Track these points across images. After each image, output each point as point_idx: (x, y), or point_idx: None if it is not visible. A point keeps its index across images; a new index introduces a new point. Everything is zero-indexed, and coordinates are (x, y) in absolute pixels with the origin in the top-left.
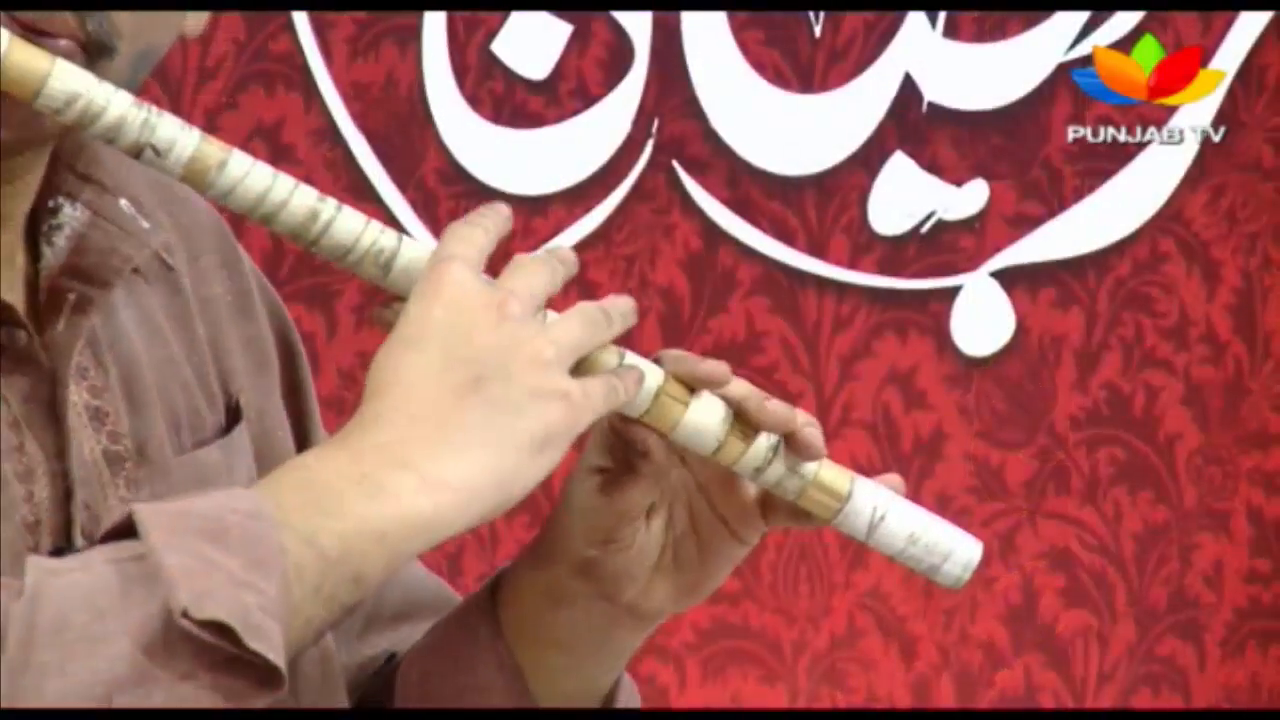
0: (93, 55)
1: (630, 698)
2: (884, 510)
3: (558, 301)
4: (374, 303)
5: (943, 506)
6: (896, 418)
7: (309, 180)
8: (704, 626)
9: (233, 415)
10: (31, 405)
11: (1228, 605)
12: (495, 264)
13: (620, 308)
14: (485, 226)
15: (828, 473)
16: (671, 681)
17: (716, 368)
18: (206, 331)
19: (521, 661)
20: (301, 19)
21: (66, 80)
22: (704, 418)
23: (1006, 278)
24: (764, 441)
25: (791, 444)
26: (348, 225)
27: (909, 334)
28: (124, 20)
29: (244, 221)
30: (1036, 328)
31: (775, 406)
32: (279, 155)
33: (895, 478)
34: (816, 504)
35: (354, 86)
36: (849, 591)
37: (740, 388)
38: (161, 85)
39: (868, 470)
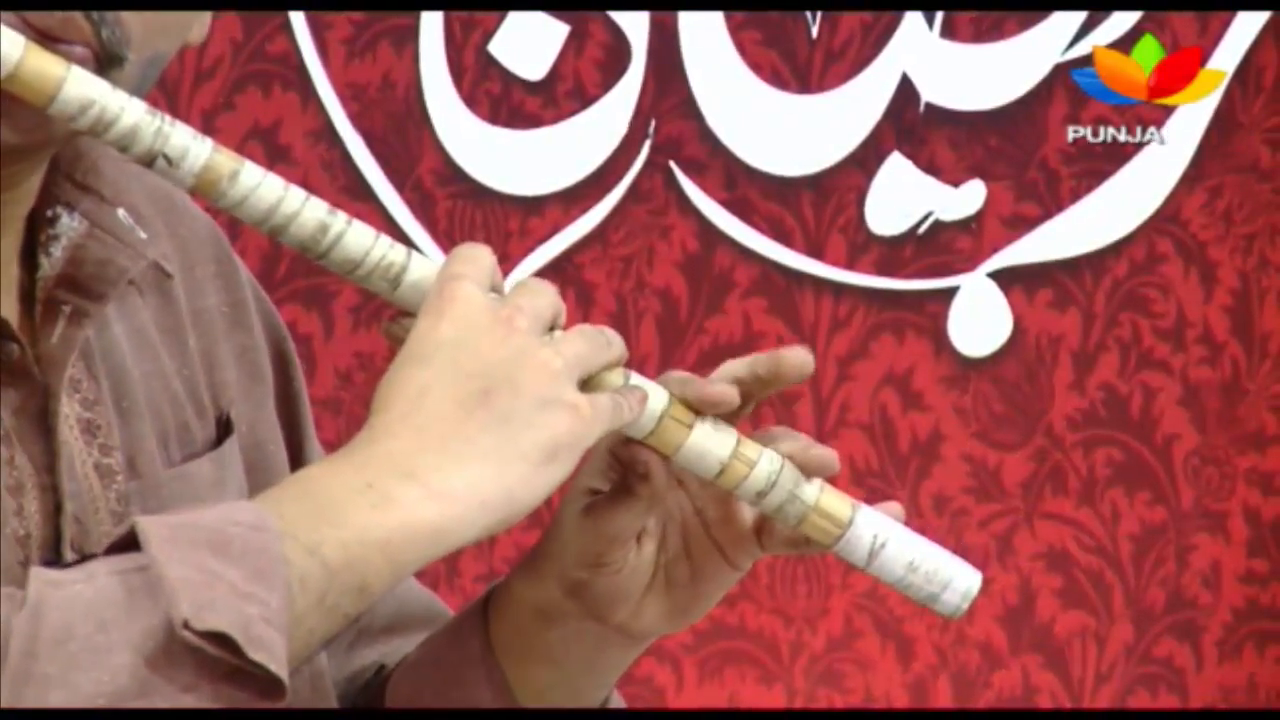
0: (104, 64)
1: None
2: (884, 538)
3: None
4: (371, 304)
5: (940, 507)
6: (894, 419)
7: (305, 181)
8: (701, 627)
9: (223, 428)
10: (22, 418)
11: (1225, 606)
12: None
13: (616, 335)
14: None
15: (829, 499)
16: (669, 682)
17: (723, 391)
18: (199, 344)
19: (511, 677)
20: (298, 19)
21: (81, 87)
22: (708, 441)
23: (1004, 278)
24: (767, 466)
25: (804, 461)
26: (357, 239)
27: (906, 335)
28: (134, 28)
29: (241, 224)
30: (1034, 328)
31: (788, 356)
32: (276, 156)
33: (896, 506)
34: (818, 530)
35: (351, 87)
36: (846, 592)
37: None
38: (159, 85)
39: (864, 471)
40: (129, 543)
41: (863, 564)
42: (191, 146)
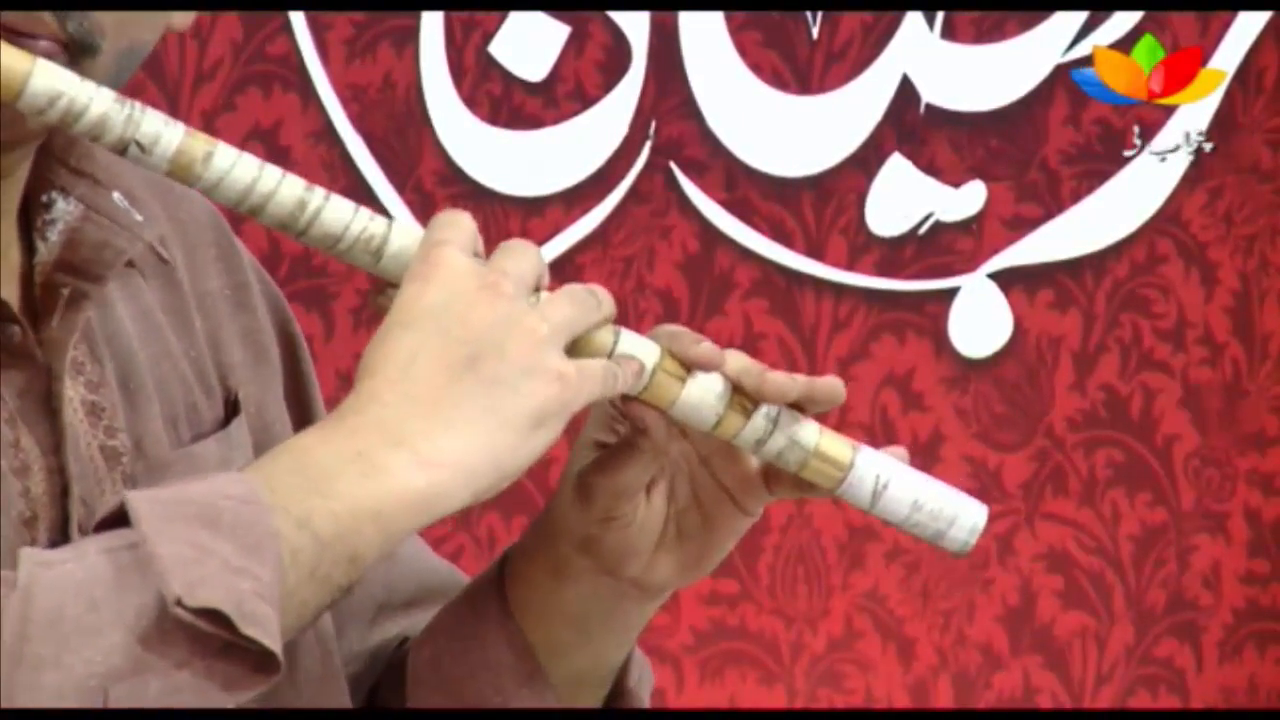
0: (75, 55)
1: (642, 672)
2: (887, 478)
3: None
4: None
5: None
6: (894, 419)
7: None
8: (702, 628)
9: (231, 409)
10: (27, 401)
11: (1225, 607)
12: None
13: (605, 293)
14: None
15: (829, 443)
16: (669, 683)
17: (710, 351)
18: (204, 325)
19: (532, 638)
20: (299, 20)
21: (48, 80)
22: (702, 394)
23: (1004, 279)
24: (763, 414)
25: (808, 402)
26: (336, 213)
27: (907, 336)
28: (106, 18)
29: (240, 221)
30: (1034, 329)
31: (775, 377)
32: (276, 157)
33: (900, 449)
34: (819, 474)
35: (351, 88)
36: (846, 593)
37: (737, 361)
38: (159, 87)
39: None
40: (119, 519)
41: (867, 506)
42: (163, 132)
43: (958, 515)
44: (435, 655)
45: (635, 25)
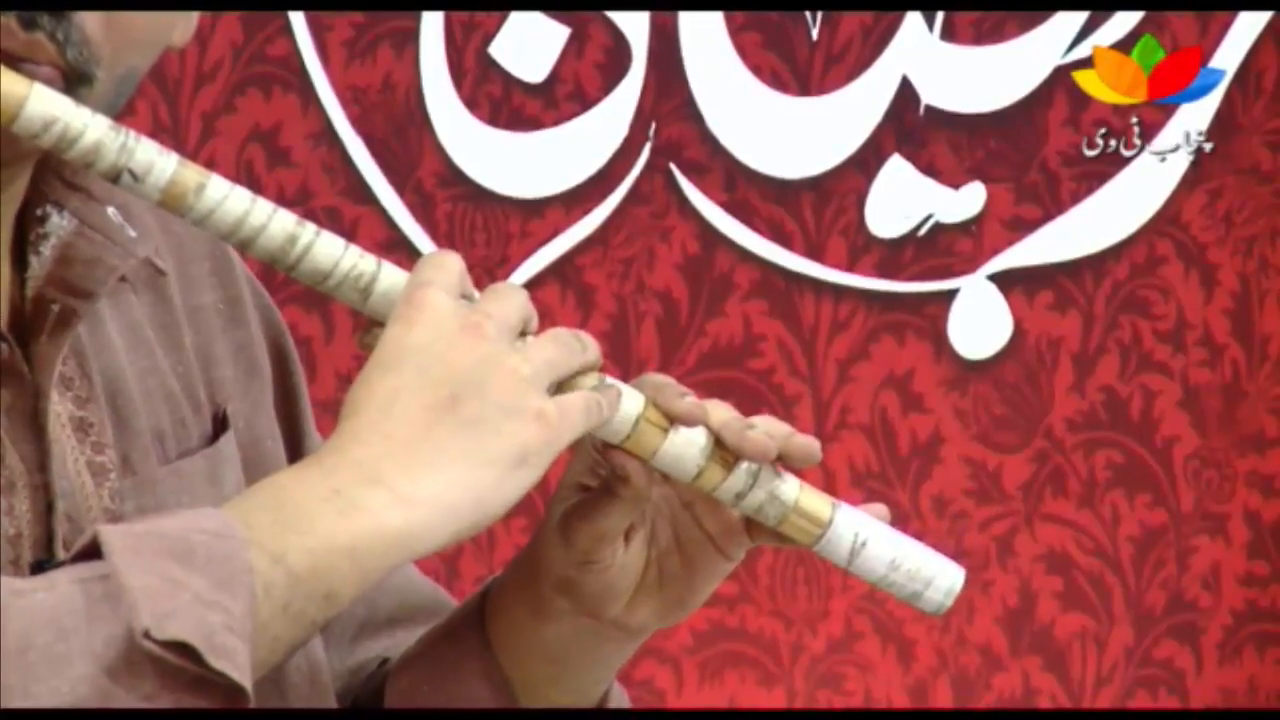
0: (72, 83)
1: (619, 706)
2: (865, 537)
3: (558, 310)
4: None
5: (940, 509)
6: (894, 421)
7: (306, 183)
8: (701, 629)
9: (219, 425)
10: (13, 417)
11: (1225, 608)
12: (499, 272)
13: (590, 339)
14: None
15: (809, 499)
16: (669, 684)
17: (692, 406)
18: (195, 340)
19: (510, 673)
20: (299, 22)
21: (44, 104)
22: (684, 446)
23: (1004, 281)
24: (744, 468)
25: (784, 458)
26: (326, 250)
27: (906, 337)
28: (103, 47)
29: None
30: (1034, 330)
31: (755, 436)
32: (276, 158)
33: (880, 507)
34: (798, 530)
35: (351, 89)
36: (846, 594)
37: (720, 414)
38: (159, 88)
39: (864, 473)
40: (92, 551)
41: (844, 563)
42: (156, 161)
43: (934, 577)
44: (412, 685)
45: (635, 26)
